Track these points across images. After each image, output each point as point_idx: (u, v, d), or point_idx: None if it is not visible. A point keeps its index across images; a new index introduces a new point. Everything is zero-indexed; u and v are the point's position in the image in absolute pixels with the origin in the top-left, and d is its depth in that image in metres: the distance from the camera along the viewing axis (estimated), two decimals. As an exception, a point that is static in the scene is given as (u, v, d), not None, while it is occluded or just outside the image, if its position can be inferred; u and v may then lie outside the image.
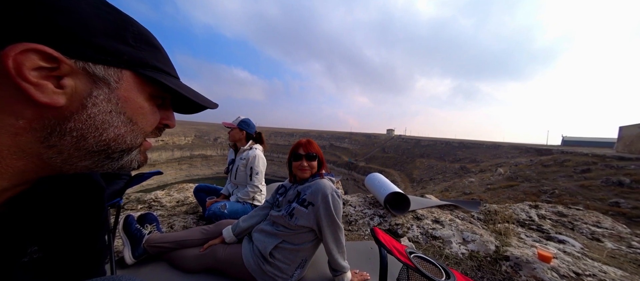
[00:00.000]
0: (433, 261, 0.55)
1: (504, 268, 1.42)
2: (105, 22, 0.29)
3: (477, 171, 18.89)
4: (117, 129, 0.31)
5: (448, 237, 1.71)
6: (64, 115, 0.27)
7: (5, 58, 0.23)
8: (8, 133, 0.25)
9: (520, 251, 1.53)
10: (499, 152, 26.07)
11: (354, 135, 61.39)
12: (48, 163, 0.29)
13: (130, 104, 0.32)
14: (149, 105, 0.35)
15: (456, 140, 39.42)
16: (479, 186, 12.97)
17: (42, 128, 0.27)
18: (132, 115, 0.33)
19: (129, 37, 0.31)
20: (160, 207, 2.20)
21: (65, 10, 0.26)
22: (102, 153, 0.31)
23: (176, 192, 2.64)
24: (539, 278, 1.27)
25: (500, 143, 33.04)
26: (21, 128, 0.26)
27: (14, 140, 0.26)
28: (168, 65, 0.36)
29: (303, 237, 1.11)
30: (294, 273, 1.11)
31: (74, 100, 0.27)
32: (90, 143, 0.30)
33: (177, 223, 1.81)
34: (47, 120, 0.27)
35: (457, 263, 1.48)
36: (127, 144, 0.33)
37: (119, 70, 0.30)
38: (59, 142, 0.28)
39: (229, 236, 1.23)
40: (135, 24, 0.32)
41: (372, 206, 2.30)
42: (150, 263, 1.22)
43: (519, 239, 1.83)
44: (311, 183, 1.14)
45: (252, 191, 1.81)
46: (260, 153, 1.91)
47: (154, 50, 0.34)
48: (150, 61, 0.33)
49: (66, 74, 0.26)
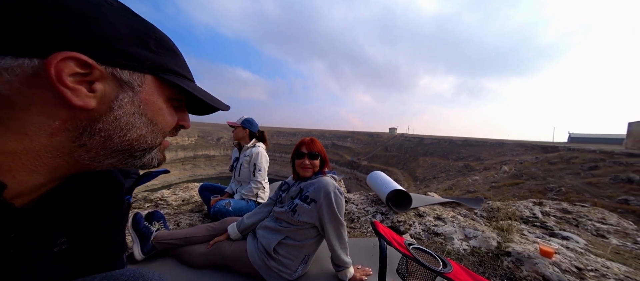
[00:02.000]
0: (431, 252, 0.57)
1: (505, 264, 1.42)
2: (131, 29, 0.31)
3: (481, 169, 18.68)
4: (139, 130, 0.34)
5: (450, 234, 1.72)
6: (94, 117, 0.30)
7: (48, 66, 0.25)
8: (45, 134, 0.28)
9: (522, 247, 1.53)
10: (504, 150, 25.75)
11: (356, 134, 61.26)
12: (78, 161, 0.31)
13: (151, 106, 0.34)
14: (168, 107, 0.37)
15: (460, 138, 39.01)
16: (483, 184, 12.82)
17: (75, 129, 0.29)
18: (153, 117, 0.35)
19: (151, 43, 0.33)
20: (166, 205, 2.25)
21: (97, 20, 0.28)
22: (126, 151, 0.34)
23: (181, 191, 2.69)
24: (541, 272, 1.28)
25: (505, 140, 32.61)
26: (57, 129, 0.28)
27: (50, 140, 0.28)
28: (185, 69, 0.39)
29: (306, 233, 1.14)
30: (297, 268, 1.14)
31: (103, 103, 0.30)
32: (115, 143, 0.32)
33: (183, 221, 1.86)
34: (79, 122, 0.29)
35: (459, 259, 1.49)
36: (148, 143, 0.36)
37: (142, 75, 0.33)
38: (88, 141, 0.30)
39: (234, 233, 1.26)
40: (157, 31, 0.35)
41: (374, 204, 2.32)
42: (159, 259, 1.26)
43: (521, 235, 1.83)
44: (314, 180, 1.16)
45: (255, 187, 1.84)
46: (263, 150, 1.95)
47: (173, 55, 0.37)
48: (170, 66, 0.35)
49: (97, 79, 0.29)
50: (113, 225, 0.45)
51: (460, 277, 0.51)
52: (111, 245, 0.46)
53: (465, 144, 33.53)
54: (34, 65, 0.25)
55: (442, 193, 12.96)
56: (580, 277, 1.27)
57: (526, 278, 1.32)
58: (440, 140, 39.96)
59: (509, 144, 27.44)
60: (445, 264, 0.54)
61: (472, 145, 32.08)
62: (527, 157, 18.30)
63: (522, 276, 1.32)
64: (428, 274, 0.52)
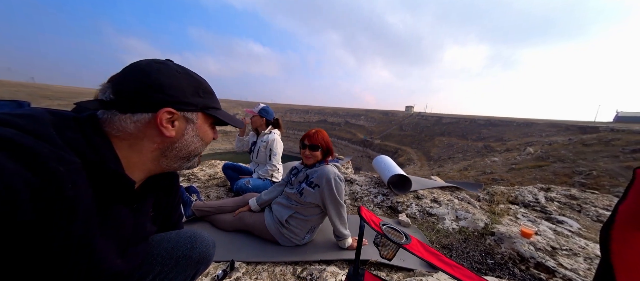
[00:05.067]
0: (399, 230, 0.77)
1: (488, 242, 1.61)
2: (191, 87, 0.51)
3: (503, 150, 17.87)
4: (194, 145, 0.55)
5: (443, 215, 1.92)
6: (174, 141, 0.51)
7: (157, 116, 0.46)
8: (149, 151, 0.49)
9: (506, 228, 1.70)
10: (531, 130, 24.07)
11: (370, 112, 59.84)
12: (160, 165, 0.52)
13: (202, 131, 0.55)
14: (210, 128, 0.58)
15: (482, 117, 36.76)
16: (501, 166, 12.32)
17: (163, 148, 0.50)
18: (203, 136, 0.56)
19: (200, 92, 0.53)
20: (196, 180, 2.64)
21: (178, 88, 0.49)
22: (185, 159, 0.55)
23: (207, 168, 3.08)
24: (516, 250, 1.46)
25: (534, 120, 30.02)
26: (155, 149, 0.49)
27: (151, 155, 0.50)
28: (217, 102, 0.59)
29: (311, 211, 1.40)
30: (305, 236, 1.42)
31: (178, 133, 0.51)
32: (183, 153, 0.53)
33: (211, 194, 2.22)
34: (165, 144, 0.50)
35: (446, 236, 1.71)
36: (198, 152, 0.57)
37: (196, 113, 0.53)
38: (169, 154, 0.52)
39: (254, 206, 1.56)
40: (203, 82, 0.54)
41: (377, 186, 2.54)
42: (197, 222, 1.61)
43: (512, 219, 1.98)
44: (317, 168, 1.38)
45: (271, 169, 2.12)
46: (278, 137, 2.18)
47: (211, 95, 0.57)
48: (210, 104, 0.56)
49: (176, 119, 0.49)
50: (176, 201, 0.71)
51: (414, 248, 0.71)
52: (176, 213, 0.73)
53: (487, 124, 31.70)
54: (149, 116, 0.46)
55: (456, 174, 12.75)
56: (552, 254, 1.44)
57: (503, 253, 1.51)
58: (459, 119, 38.05)
59: (539, 124, 25.50)
60: (407, 238, 0.75)
61: (495, 125, 30.27)
62: (557, 138, 17.08)
63: (500, 252, 1.51)
64: (392, 245, 0.73)
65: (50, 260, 0.34)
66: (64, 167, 0.35)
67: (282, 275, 1.19)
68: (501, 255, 1.48)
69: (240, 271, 1.19)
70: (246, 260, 1.27)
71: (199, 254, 0.65)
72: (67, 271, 0.36)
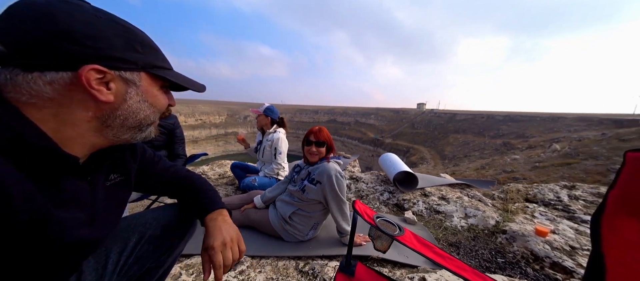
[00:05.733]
0: (393, 222, 0.77)
1: (499, 240, 1.55)
2: (121, 39, 0.41)
3: (524, 147, 16.77)
4: (144, 112, 0.46)
5: (451, 212, 1.86)
6: (114, 107, 0.42)
7: (80, 75, 0.36)
8: (84, 121, 0.40)
9: (520, 226, 1.62)
10: (558, 125, 22.39)
11: (381, 111, 58.88)
12: (105, 137, 0.44)
13: (149, 94, 0.46)
14: (161, 93, 0.49)
15: (501, 113, 34.81)
16: (523, 164, 11.48)
17: (102, 117, 0.41)
18: (152, 101, 0.47)
19: (137, 46, 0.43)
20: (207, 179, 2.76)
21: (101, 38, 0.38)
22: (136, 128, 0.47)
23: (217, 167, 3.20)
24: (530, 248, 1.39)
25: (561, 114, 27.78)
26: (90, 118, 0.40)
27: (88, 126, 0.41)
28: (165, 61, 0.49)
29: (314, 207, 1.41)
30: (308, 232, 1.44)
31: (118, 97, 0.41)
32: (130, 122, 0.45)
33: (220, 192, 2.31)
34: (104, 111, 0.41)
35: (454, 234, 1.66)
36: (151, 120, 0.49)
37: (138, 73, 0.44)
38: (112, 123, 0.43)
39: (259, 203, 1.60)
40: (137, 33, 0.44)
41: (383, 183, 2.51)
42: (206, 219, 1.68)
43: (527, 217, 1.88)
44: (319, 165, 1.40)
45: (276, 168, 2.17)
46: (283, 136, 2.22)
47: (154, 52, 0.47)
48: (155, 62, 0.46)
49: (110, 80, 0.40)
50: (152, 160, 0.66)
51: (407, 240, 0.71)
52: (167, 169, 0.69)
53: (507, 120, 30.01)
54: (69, 76, 0.36)
55: (473, 172, 12.14)
56: (571, 254, 1.35)
57: (515, 252, 1.44)
58: (475, 116, 36.40)
59: (567, 118, 23.70)
60: (400, 230, 0.74)
61: (515, 121, 28.57)
62: (588, 134, 15.78)
63: (512, 250, 1.45)
64: (386, 237, 0.73)
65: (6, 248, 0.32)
66: None
67: (285, 269, 1.22)
68: (513, 254, 1.42)
69: (245, 265, 1.23)
70: (251, 254, 1.31)
71: (186, 215, 0.67)
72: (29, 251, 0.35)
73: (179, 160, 1.81)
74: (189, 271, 1.15)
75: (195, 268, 1.17)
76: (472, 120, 35.00)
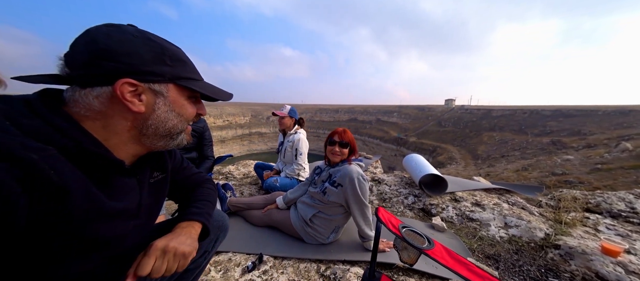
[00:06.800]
0: (422, 233, 0.71)
1: (550, 256, 1.35)
2: (152, 53, 0.45)
3: (581, 146, 14.40)
4: (172, 121, 0.50)
5: (487, 220, 1.68)
6: (145, 117, 0.46)
7: (115, 89, 0.41)
8: (125, 130, 0.46)
9: (579, 242, 1.39)
10: (628, 120, 18.74)
11: (404, 108, 56.32)
12: (144, 144, 0.50)
13: (177, 105, 0.50)
14: (188, 103, 0.52)
15: (548, 107, 30.60)
16: (579, 166, 9.61)
17: (138, 126, 0.47)
18: (180, 111, 0.51)
19: (167, 60, 0.47)
20: (233, 178, 2.90)
21: (134, 54, 0.43)
22: (167, 136, 0.51)
23: (242, 167, 3.35)
24: (594, 270, 1.17)
25: (633, 107, 22.90)
26: (130, 127, 0.46)
27: (129, 134, 0.47)
28: (194, 72, 0.53)
29: (335, 210, 1.39)
30: (329, 235, 1.42)
31: (148, 107, 0.46)
32: (161, 131, 0.49)
33: (245, 191, 2.40)
34: (139, 121, 0.46)
35: (492, 245, 1.49)
36: (179, 129, 0.52)
37: (166, 85, 0.48)
38: (146, 132, 0.48)
39: (281, 204, 1.63)
40: (169, 48, 0.48)
41: (408, 186, 2.37)
42: (232, 217, 1.76)
43: (588, 231, 1.60)
44: (341, 167, 1.37)
45: (297, 168, 2.19)
46: (303, 137, 2.25)
47: (183, 64, 0.50)
48: (183, 74, 0.50)
49: (141, 93, 0.44)
50: (181, 166, 0.72)
51: (438, 255, 0.64)
52: (189, 177, 0.74)
53: (556, 114, 26.32)
54: (109, 90, 0.41)
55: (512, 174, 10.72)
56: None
57: (573, 272, 1.24)
58: (516, 111, 32.71)
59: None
60: (430, 243, 0.68)
61: (568, 116, 24.92)
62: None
63: (569, 269, 1.24)
64: (413, 250, 0.67)
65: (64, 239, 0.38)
66: (37, 155, 0.34)
67: (307, 272, 1.22)
68: (571, 274, 1.21)
69: (268, 265, 1.26)
70: (273, 254, 1.33)
71: (218, 222, 0.73)
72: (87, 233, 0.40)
73: (208, 161, 1.92)
74: (217, 268, 1.21)
75: (222, 265, 1.23)
76: (511, 116, 31.55)
